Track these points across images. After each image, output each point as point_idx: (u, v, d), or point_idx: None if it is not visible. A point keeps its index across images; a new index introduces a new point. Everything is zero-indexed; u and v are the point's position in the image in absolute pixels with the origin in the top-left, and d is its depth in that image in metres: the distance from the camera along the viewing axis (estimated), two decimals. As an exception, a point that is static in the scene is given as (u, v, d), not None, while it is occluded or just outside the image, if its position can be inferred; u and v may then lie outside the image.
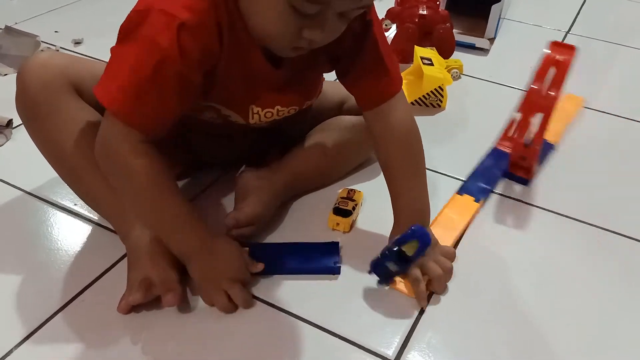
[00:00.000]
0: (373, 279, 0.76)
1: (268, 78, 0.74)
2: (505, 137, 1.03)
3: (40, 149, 0.76)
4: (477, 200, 0.92)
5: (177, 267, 0.71)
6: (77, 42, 1.29)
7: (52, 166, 0.77)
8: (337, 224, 0.84)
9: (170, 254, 0.71)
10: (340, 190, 0.89)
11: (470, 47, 1.41)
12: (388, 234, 0.80)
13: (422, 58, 1.19)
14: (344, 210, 0.85)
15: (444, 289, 0.76)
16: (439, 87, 1.15)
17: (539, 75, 0.94)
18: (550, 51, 0.94)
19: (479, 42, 1.41)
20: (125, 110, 0.64)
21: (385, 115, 0.78)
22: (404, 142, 0.79)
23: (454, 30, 1.35)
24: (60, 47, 1.25)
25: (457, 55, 1.35)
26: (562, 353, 0.69)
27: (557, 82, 0.92)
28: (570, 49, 0.94)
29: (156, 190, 0.67)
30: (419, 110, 1.16)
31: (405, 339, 0.69)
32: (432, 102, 1.17)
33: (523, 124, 0.95)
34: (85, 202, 0.80)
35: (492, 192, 0.96)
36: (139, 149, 0.65)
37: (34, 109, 0.73)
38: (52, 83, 0.72)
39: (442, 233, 0.82)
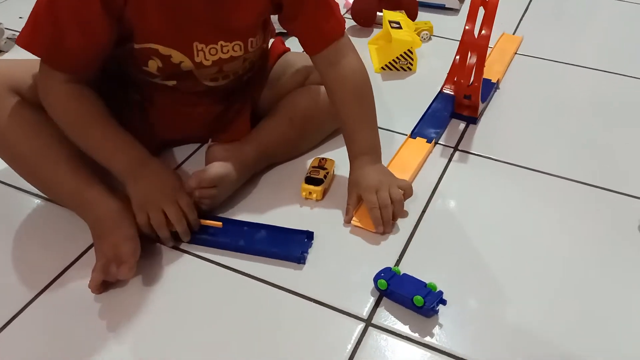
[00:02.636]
0: (344, 245, 0.78)
1: (195, 6, 0.76)
2: (449, 80, 1.08)
3: None
4: (428, 141, 0.97)
5: (135, 238, 0.74)
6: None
7: (8, 164, 0.80)
8: (310, 192, 0.86)
9: (126, 226, 0.74)
10: (311, 160, 0.90)
11: (441, 8, 1.41)
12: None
13: (390, 22, 1.20)
14: (316, 179, 0.86)
15: (389, 220, 0.80)
16: (409, 50, 1.16)
17: (470, 17, 0.98)
18: None
19: (449, 2, 1.40)
20: (25, 40, 0.72)
21: (336, 61, 0.83)
22: (357, 90, 0.85)
23: (422, -8, 1.35)
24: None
25: (428, 17, 1.35)
26: (531, 299, 0.72)
27: (487, 21, 0.96)
28: None
29: (80, 122, 0.76)
30: (390, 75, 1.17)
31: (377, 300, 0.72)
32: (403, 65, 1.18)
33: (462, 65, 0.99)
34: (43, 192, 0.83)
35: (442, 132, 1.01)
36: (63, 89, 0.74)
37: None
38: None
39: (398, 173, 0.86)
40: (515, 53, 1.25)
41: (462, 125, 1.03)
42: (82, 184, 0.77)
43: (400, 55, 1.16)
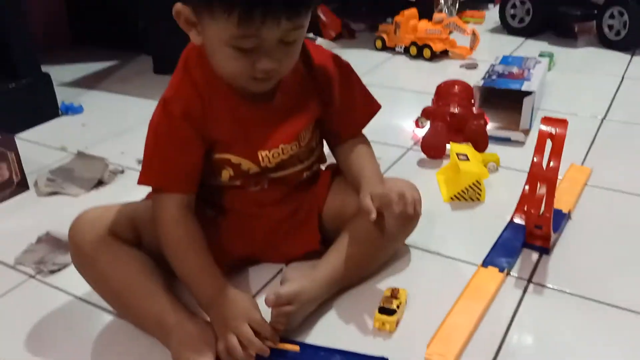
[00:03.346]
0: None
1: (256, 114, 0.89)
2: (519, 210, 1.11)
3: (94, 289, 0.89)
4: (501, 271, 0.97)
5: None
6: (141, 161, 1.42)
7: (106, 302, 0.90)
8: (383, 323, 0.87)
9: (206, 353, 0.78)
10: (384, 289, 0.93)
11: (506, 141, 1.46)
12: (432, 332, 0.83)
13: (458, 154, 1.25)
14: (389, 309, 0.88)
15: (413, 200, 0.87)
16: (477, 181, 1.20)
17: (538, 149, 1.01)
18: (544, 126, 1.00)
19: (513, 135, 1.46)
20: (145, 178, 0.87)
21: (352, 144, 0.99)
22: (369, 154, 1.00)
23: (489, 125, 1.41)
24: (126, 167, 1.38)
25: (495, 149, 1.40)
26: None
27: (555, 153, 0.99)
28: (563, 122, 1.00)
29: (180, 248, 0.85)
30: (459, 205, 1.20)
31: None
32: (472, 196, 1.21)
33: (532, 196, 1.01)
34: (126, 318, 0.89)
35: (514, 262, 1.01)
36: (173, 215, 0.85)
37: (81, 259, 0.88)
38: (91, 235, 0.87)
39: (471, 303, 0.87)
40: (586, 184, 1.26)
41: (535, 255, 1.03)
42: (165, 309, 0.84)
43: (469, 186, 1.20)
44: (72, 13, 2.45)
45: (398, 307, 0.88)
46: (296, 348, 0.81)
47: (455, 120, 1.38)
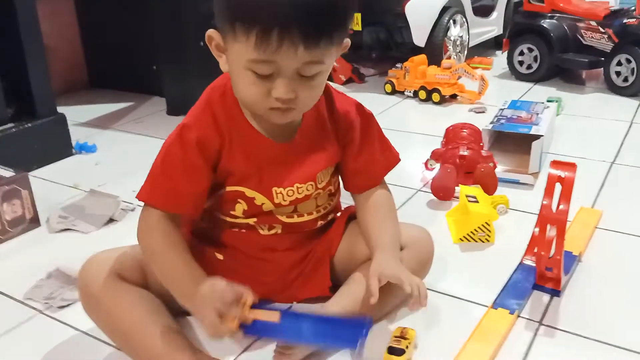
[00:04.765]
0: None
1: (273, 153, 0.90)
2: (529, 251, 1.10)
3: (102, 330, 0.90)
4: (511, 313, 0.96)
5: None
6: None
7: (114, 343, 0.90)
8: (392, 363, 0.86)
9: None
10: (393, 329, 0.92)
11: (515, 183, 1.46)
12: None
13: (467, 196, 1.26)
14: (398, 349, 0.87)
15: (426, 292, 0.86)
16: (486, 222, 1.20)
17: (547, 192, 1.01)
18: (553, 169, 1.01)
19: (522, 178, 1.46)
20: (145, 195, 0.86)
21: (371, 194, 0.99)
22: (391, 213, 0.99)
23: (498, 167, 1.42)
24: (138, 205, 1.39)
25: (504, 191, 1.40)
26: None
27: (565, 196, 0.99)
28: (572, 165, 1.00)
29: (163, 256, 0.85)
30: (468, 246, 1.20)
31: None
32: (481, 237, 1.21)
33: (542, 238, 1.00)
34: (132, 357, 0.87)
35: (524, 304, 1.00)
36: (154, 224, 0.85)
37: (89, 300, 0.89)
38: (98, 277, 0.88)
39: (481, 345, 0.86)
40: (596, 227, 1.25)
41: (546, 297, 1.02)
42: (172, 348, 0.84)
43: (478, 227, 1.20)
44: (90, 57, 2.52)
45: (407, 347, 0.87)
46: (276, 317, 0.80)
47: (464, 163, 1.39)
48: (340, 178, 1.01)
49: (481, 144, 1.47)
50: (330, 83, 2.58)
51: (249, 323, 0.78)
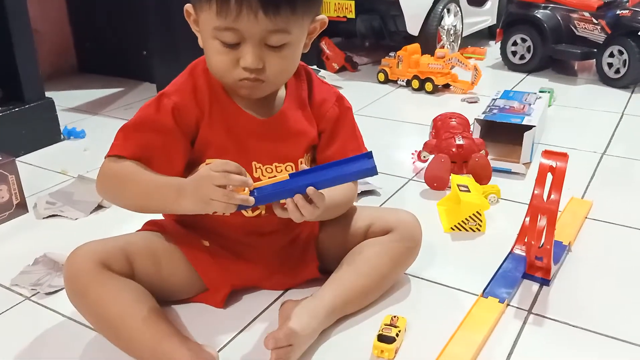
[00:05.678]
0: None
1: (253, 127, 0.90)
2: (519, 241, 1.11)
3: (88, 320, 0.88)
4: (501, 301, 0.96)
5: None
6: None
7: (101, 333, 0.88)
8: (382, 351, 0.85)
9: None
10: (384, 317, 0.91)
11: (507, 172, 1.46)
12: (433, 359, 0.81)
13: (458, 185, 1.25)
14: (388, 337, 0.86)
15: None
16: (477, 212, 1.20)
17: (538, 182, 1.01)
18: (545, 159, 1.00)
19: (514, 167, 1.46)
20: (117, 150, 0.86)
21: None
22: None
23: (489, 157, 1.42)
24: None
25: (495, 180, 1.40)
26: None
27: (556, 186, 0.99)
28: (563, 155, 1.00)
29: (137, 174, 0.85)
30: (459, 235, 1.20)
31: None
32: (472, 227, 1.21)
33: (532, 228, 1.00)
34: (121, 348, 0.86)
35: (514, 293, 1.00)
36: (120, 162, 0.85)
37: (76, 291, 0.87)
38: (84, 268, 0.85)
39: (470, 333, 0.86)
40: (586, 217, 1.26)
41: (535, 286, 1.02)
42: (159, 336, 0.82)
43: (469, 216, 1.20)
44: (79, 41, 2.49)
45: (397, 335, 0.87)
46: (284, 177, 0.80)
47: (462, 152, 1.39)
48: None
49: (470, 133, 1.47)
50: (324, 71, 2.57)
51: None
